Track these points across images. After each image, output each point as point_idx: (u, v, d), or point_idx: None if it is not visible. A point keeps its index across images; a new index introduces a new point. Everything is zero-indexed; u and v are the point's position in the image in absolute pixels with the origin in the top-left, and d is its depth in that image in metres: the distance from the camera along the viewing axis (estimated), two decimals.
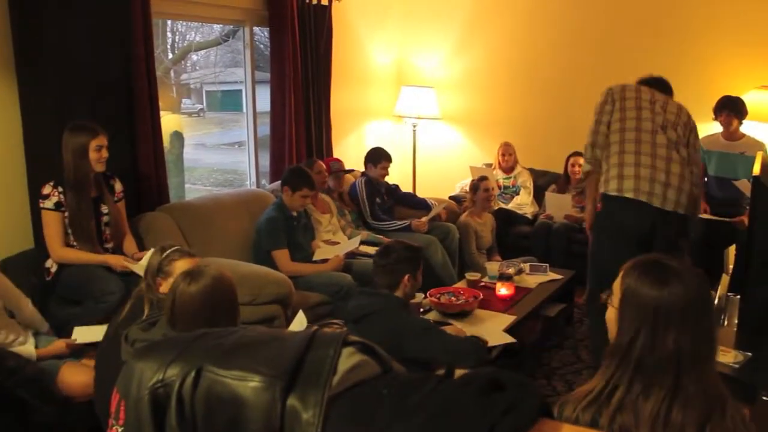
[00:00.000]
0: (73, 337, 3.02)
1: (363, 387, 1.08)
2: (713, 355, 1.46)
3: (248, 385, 1.06)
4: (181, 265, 2.55)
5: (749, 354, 2.28)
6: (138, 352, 1.25)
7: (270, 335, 1.22)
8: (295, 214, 4.29)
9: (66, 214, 3.38)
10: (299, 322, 2.80)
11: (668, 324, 1.41)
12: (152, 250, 3.25)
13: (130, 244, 3.67)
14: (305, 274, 4.09)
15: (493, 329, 3.38)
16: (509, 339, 3.29)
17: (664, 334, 1.41)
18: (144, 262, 2.92)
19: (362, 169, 5.39)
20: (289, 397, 1.04)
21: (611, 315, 1.53)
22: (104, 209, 3.54)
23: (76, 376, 2.84)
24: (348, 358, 1.10)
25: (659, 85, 3.59)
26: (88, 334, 3.03)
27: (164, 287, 2.50)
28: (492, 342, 3.09)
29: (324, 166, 4.84)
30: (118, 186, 3.66)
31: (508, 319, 3.54)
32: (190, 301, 2.04)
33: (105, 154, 3.43)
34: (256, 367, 1.07)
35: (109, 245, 3.57)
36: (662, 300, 1.42)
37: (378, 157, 5.23)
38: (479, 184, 5.14)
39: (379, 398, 1.06)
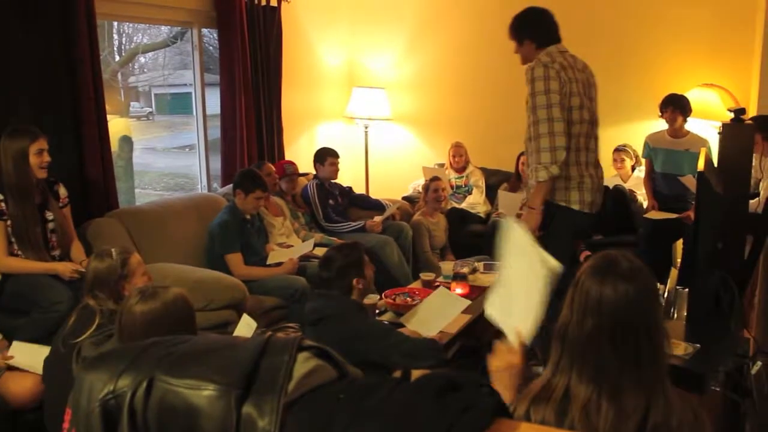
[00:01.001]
0: (10, 353, 2.92)
1: (319, 392, 1.07)
2: (647, 349, 1.47)
3: (202, 394, 1.03)
4: (134, 261, 2.56)
5: (698, 345, 2.33)
6: (87, 363, 1.22)
7: (223, 342, 1.20)
8: (248, 217, 4.24)
9: (8, 222, 3.27)
10: (245, 326, 2.77)
11: (588, 311, 1.48)
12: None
13: (77, 250, 3.58)
14: (259, 278, 4.05)
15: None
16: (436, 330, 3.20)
17: (584, 318, 1.48)
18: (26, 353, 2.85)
19: (314, 171, 5.37)
20: (244, 405, 1.02)
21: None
22: (49, 216, 3.44)
23: (20, 383, 2.78)
24: (303, 363, 1.09)
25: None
26: (27, 354, 2.91)
27: (128, 290, 2.46)
28: (427, 333, 3.08)
29: (273, 169, 4.81)
30: (62, 191, 3.57)
31: (464, 317, 3.56)
32: (132, 321, 1.98)
33: (46, 158, 3.33)
34: (209, 376, 1.05)
35: (56, 252, 3.48)
36: (587, 286, 1.49)
37: (323, 155, 5.24)
38: (430, 185, 5.18)
39: (336, 403, 1.05)
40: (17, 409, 2.76)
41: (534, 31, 3.30)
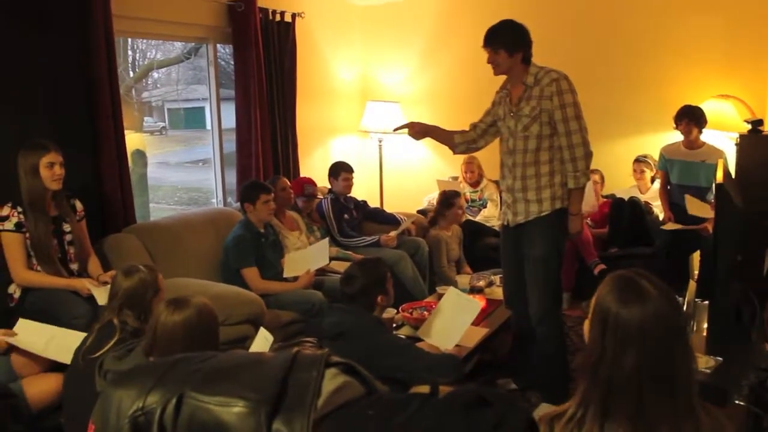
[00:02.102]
0: (15, 329, 2.95)
1: (348, 409, 1.07)
2: (682, 376, 1.42)
3: (232, 410, 1.04)
4: (161, 278, 2.60)
5: (719, 359, 2.31)
6: (115, 379, 1.22)
7: (251, 358, 1.20)
8: (262, 230, 4.26)
9: (27, 235, 3.30)
10: (263, 339, 2.76)
11: (628, 343, 1.40)
12: (92, 287, 3.20)
13: (94, 265, 3.60)
14: (276, 292, 4.05)
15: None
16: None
17: (624, 353, 1.40)
18: (105, 290, 2.88)
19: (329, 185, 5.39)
20: (274, 422, 1.02)
21: (586, 327, 1.53)
22: (66, 228, 3.47)
23: (42, 386, 2.81)
24: (332, 380, 1.09)
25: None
26: (31, 332, 2.94)
27: (157, 304, 2.48)
28: (444, 346, 3.06)
29: (288, 183, 4.82)
30: (78, 205, 3.59)
31: (481, 331, 3.55)
32: (172, 330, 2.01)
33: (59, 171, 3.34)
34: (239, 392, 1.05)
35: (74, 266, 3.50)
36: (624, 317, 1.41)
37: (337, 170, 5.25)
38: (455, 201, 5.18)
39: (365, 420, 1.05)
40: (39, 414, 2.78)
41: (527, 46, 3.31)
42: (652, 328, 1.39)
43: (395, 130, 3.77)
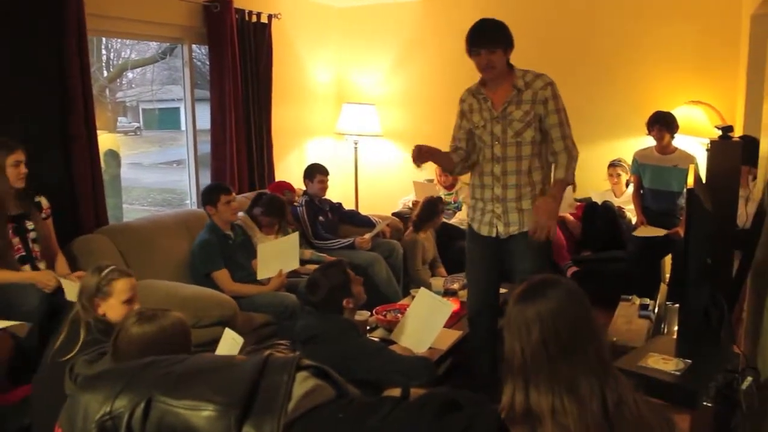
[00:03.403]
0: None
1: (319, 412, 1.07)
2: (591, 346, 1.49)
3: (201, 414, 1.03)
4: (120, 285, 2.53)
5: (689, 361, 2.34)
6: (83, 383, 1.21)
7: (221, 362, 1.20)
8: (228, 232, 4.23)
9: None
10: (230, 340, 2.70)
11: (530, 330, 1.48)
12: (63, 280, 3.18)
13: (61, 264, 3.57)
14: (248, 294, 4.03)
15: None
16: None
17: (529, 335, 1.47)
18: (75, 286, 2.85)
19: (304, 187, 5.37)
20: (244, 426, 1.02)
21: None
22: (29, 225, 3.43)
23: None
24: (302, 383, 1.09)
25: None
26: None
27: (103, 308, 2.47)
28: (417, 350, 3.05)
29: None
30: (44, 203, 3.56)
31: (455, 334, 3.55)
32: (128, 341, 1.97)
33: (23, 169, 3.34)
34: (208, 396, 1.04)
35: (41, 264, 3.46)
36: (518, 311, 1.50)
37: (312, 172, 5.23)
38: (439, 207, 5.19)
39: (336, 423, 1.05)
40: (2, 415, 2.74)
41: (512, 46, 3.17)
42: (548, 317, 1.47)
43: (418, 166, 3.45)
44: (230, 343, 2.67)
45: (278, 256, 4.21)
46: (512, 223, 3.25)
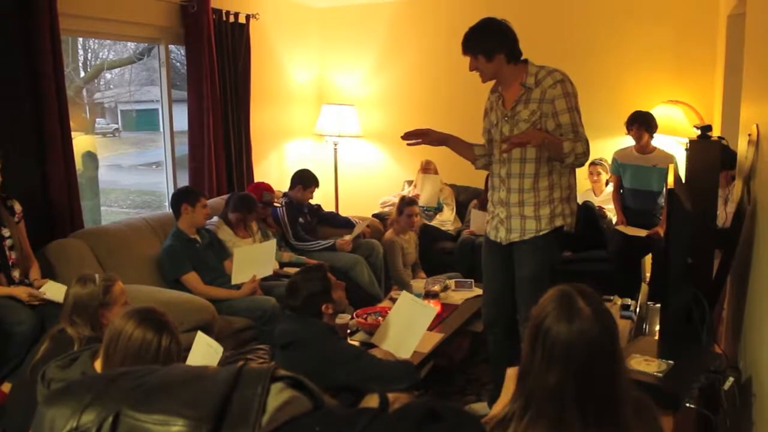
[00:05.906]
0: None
1: (295, 425, 1.03)
2: (607, 396, 1.41)
3: (171, 429, 0.99)
4: (117, 290, 2.50)
5: (671, 362, 2.33)
6: (49, 396, 1.16)
7: (193, 373, 1.15)
8: (195, 236, 4.18)
9: None
10: (204, 345, 2.61)
11: (553, 360, 1.40)
12: (49, 281, 3.15)
13: (34, 271, 3.50)
14: (218, 298, 3.95)
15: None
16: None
17: (548, 369, 1.39)
18: (58, 292, 2.80)
19: (284, 188, 5.32)
20: None
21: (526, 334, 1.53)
22: (6, 233, 3.36)
23: None
24: (277, 395, 1.05)
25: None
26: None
27: (107, 318, 2.42)
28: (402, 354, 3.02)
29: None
30: (17, 207, 3.48)
31: (436, 337, 3.53)
32: (127, 343, 1.92)
33: None
34: (178, 410, 1.00)
35: (16, 272, 3.39)
36: (553, 332, 1.41)
37: (310, 182, 5.17)
38: (404, 208, 5.11)
39: None
40: None
41: (506, 44, 3.01)
42: (578, 350, 1.38)
43: (408, 142, 3.22)
44: (204, 349, 2.58)
45: (254, 261, 4.15)
46: (513, 230, 3.13)
